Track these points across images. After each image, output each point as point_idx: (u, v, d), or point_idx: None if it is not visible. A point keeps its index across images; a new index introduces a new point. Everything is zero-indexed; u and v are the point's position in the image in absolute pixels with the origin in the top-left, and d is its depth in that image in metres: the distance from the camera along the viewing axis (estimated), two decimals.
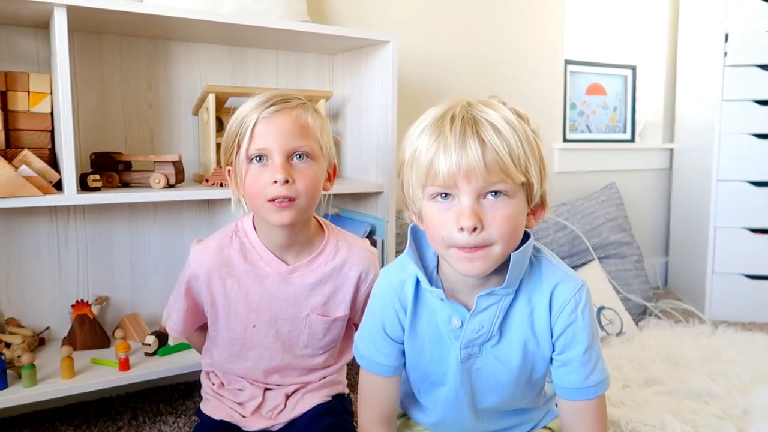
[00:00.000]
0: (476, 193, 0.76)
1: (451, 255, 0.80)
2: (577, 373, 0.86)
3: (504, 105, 0.80)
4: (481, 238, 0.77)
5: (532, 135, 0.80)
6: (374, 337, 0.93)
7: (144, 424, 1.39)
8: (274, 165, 0.99)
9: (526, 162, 0.77)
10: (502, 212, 0.77)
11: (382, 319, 0.92)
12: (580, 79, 2.58)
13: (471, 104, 0.79)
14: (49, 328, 1.44)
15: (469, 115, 0.77)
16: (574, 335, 0.86)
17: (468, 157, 0.75)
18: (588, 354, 0.86)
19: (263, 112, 1.00)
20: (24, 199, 1.16)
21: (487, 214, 0.77)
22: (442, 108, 0.81)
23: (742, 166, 2.27)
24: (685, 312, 2.24)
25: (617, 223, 2.25)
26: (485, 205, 0.77)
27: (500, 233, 0.77)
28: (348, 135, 1.73)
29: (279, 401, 1.12)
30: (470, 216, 0.75)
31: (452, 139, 0.75)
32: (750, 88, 2.23)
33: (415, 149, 0.80)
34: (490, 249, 0.78)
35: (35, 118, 1.27)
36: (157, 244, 1.57)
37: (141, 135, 1.53)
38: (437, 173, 0.77)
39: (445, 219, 0.78)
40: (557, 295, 0.86)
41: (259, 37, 1.51)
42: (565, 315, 0.85)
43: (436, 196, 0.79)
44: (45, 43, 1.38)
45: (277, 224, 1.01)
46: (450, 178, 0.76)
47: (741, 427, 1.33)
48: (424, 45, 2.03)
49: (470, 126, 0.76)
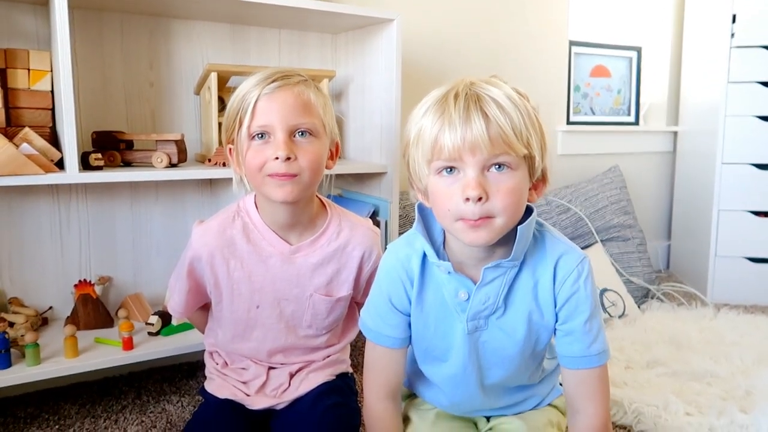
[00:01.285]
0: (481, 166, 0.79)
1: (457, 227, 0.82)
2: (580, 342, 0.89)
3: (505, 83, 0.83)
4: (486, 208, 0.79)
5: (533, 110, 0.82)
6: (381, 310, 0.95)
7: (148, 403, 1.40)
8: (277, 141, 0.98)
9: (528, 136, 0.80)
10: (506, 184, 0.80)
11: (388, 291, 0.94)
12: (584, 60, 2.56)
13: (473, 83, 0.82)
14: (52, 307, 1.44)
15: (473, 92, 0.80)
16: (577, 305, 0.88)
17: (472, 130, 0.77)
18: (590, 323, 0.88)
19: (265, 89, 0.99)
20: (25, 177, 1.15)
21: (492, 185, 0.79)
22: (444, 88, 0.83)
23: (747, 148, 2.26)
24: (687, 295, 2.24)
25: (620, 206, 2.24)
26: (489, 177, 0.80)
27: (504, 205, 0.79)
28: (351, 115, 1.71)
29: (283, 380, 1.12)
30: (475, 186, 0.78)
31: (456, 114, 0.78)
32: (756, 70, 2.21)
33: (420, 128, 0.82)
34: (493, 220, 0.80)
35: (36, 96, 1.26)
36: (159, 224, 1.56)
37: (142, 114, 1.52)
38: (443, 148, 0.79)
39: (451, 192, 0.81)
40: (561, 267, 0.88)
41: (261, 14, 1.49)
42: (568, 285, 0.88)
43: (442, 171, 0.81)
44: (45, 20, 1.36)
45: (280, 200, 1.00)
46: (455, 152, 0.78)
47: (744, 408, 1.34)
48: (429, 24, 2.00)
49: (474, 102, 0.78)
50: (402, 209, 1.86)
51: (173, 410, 1.37)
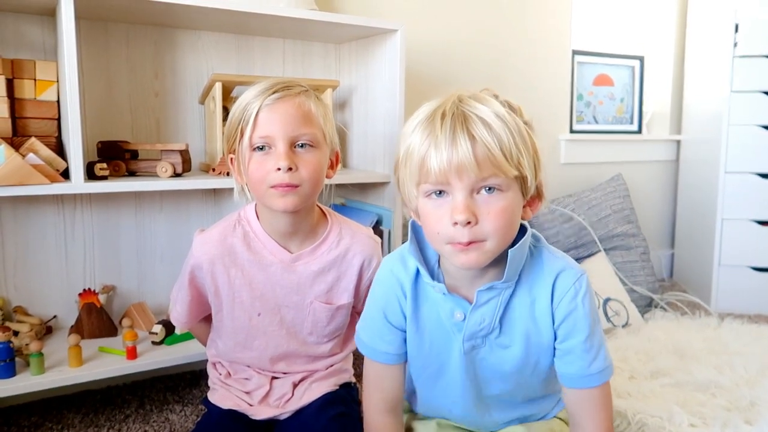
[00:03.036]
0: (469, 189, 0.77)
1: (447, 250, 0.81)
2: (580, 361, 0.87)
3: (496, 98, 0.81)
4: (475, 232, 0.78)
5: (524, 127, 0.80)
6: (376, 325, 0.94)
7: (151, 412, 1.40)
8: (278, 153, 0.99)
9: (518, 155, 0.77)
10: (496, 206, 0.78)
11: (383, 306, 0.93)
12: (587, 69, 2.57)
13: (462, 99, 0.79)
14: (56, 316, 1.45)
15: (459, 111, 0.77)
16: (575, 323, 0.86)
17: (458, 153, 0.75)
18: (589, 341, 0.86)
19: (266, 100, 0.99)
20: (31, 187, 1.15)
21: (481, 208, 0.78)
22: (434, 104, 0.82)
23: (750, 157, 2.26)
24: (691, 304, 2.23)
25: (623, 214, 2.24)
26: (478, 199, 0.78)
27: (494, 227, 0.78)
28: (355, 125, 1.72)
29: (286, 390, 1.12)
30: (463, 210, 0.76)
31: (443, 136, 0.76)
32: (759, 79, 2.21)
33: (408, 147, 0.81)
34: (484, 243, 0.79)
35: (42, 106, 1.27)
36: (163, 233, 1.57)
37: (147, 123, 1.52)
38: (429, 171, 0.78)
39: (440, 215, 0.79)
40: (558, 284, 0.87)
41: (265, 25, 1.50)
42: (565, 303, 0.86)
43: (431, 194, 0.80)
44: (51, 31, 1.37)
45: (281, 210, 1.01)
46: (442, 175, 0.77)
47: (748, 419, 1.33)
48: (432, 34, 2.01)
49: (460, 122, 0.76)
50: (405, 218, 1.87)
51: (176, 420, 1.37)
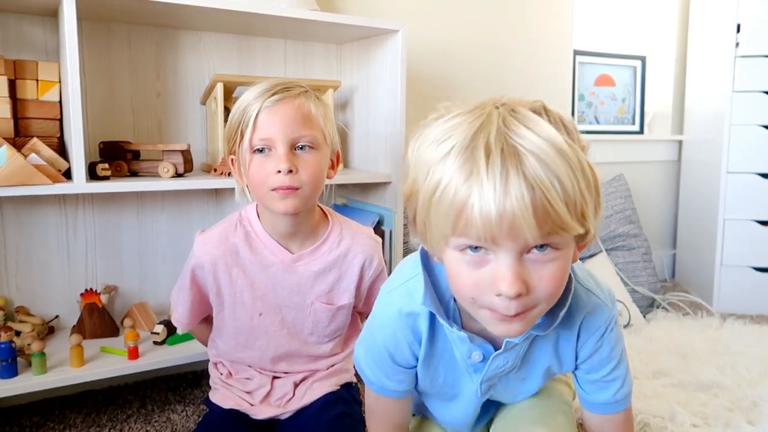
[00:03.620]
0: (520, 250, 0.61)
1: (482, 315, 0.66)
2: (603, 391, 0.86)
3: (546, 114, 0.62)
4: (525, 302, 0.62)
5: (585, 159, 0.61)
6: (383, 366, 0.85)
7: (153, 412, 1.40)
8: (278, 155, 0.99)
9: (583, 204, 0.59)
10: (551, 270, 0.62)
11: (389, 350, 0.83)
12: (588, 69, 2.57)
13: (507, 122, 0.60)
14: (58, 316, 1.45)
15: (510, 145, 0.58)
16: (600, 360, 0.84)
17: (513, 205, 0.56)
18: (613, 374, 0.85)
19: (266, 102, 0.99)
20: (33, 187, 1.16)
21: (532, 273, 0.61)
22: (469, 122, 0.61)
23: (752, 157, 2.25)
24: (693, 304, 2.23)
25: (625, 215, 2.24)
26: (529, 262, 0.61)
27: (547, 293, 0.63)
28: (356, 125, 1.72)
29: (287, 389, 1.12)
30: (513, 282, 0.60)
31: (490, 180, 0.57)
32: (761, 79, 2.21)
33: (437, 184, 0.61)
34: (531, 312, 0.64)
35: (44, 107, 1.27)
36: (165, 233, 1.57)
37: (149, 124, 1.53)
38: (469, 224, 0.59)
39: (477, 278, 0.63)
40: (585, 326, 0.81)
41: (267, 25, 1.50)
42: (591, 342, 0.82)
43: (465, 249, 0.63)
44: (53, 32, 1.38)
45: (282, 212, 1.01)
46: (487, 232, 0.58)
47: (750, 419, 1.33)
48: (433, 34, 2.01)
49: (512, 161, 0.57)
50: (407, 218, 1.87)
51: (178, 419, 1.37)
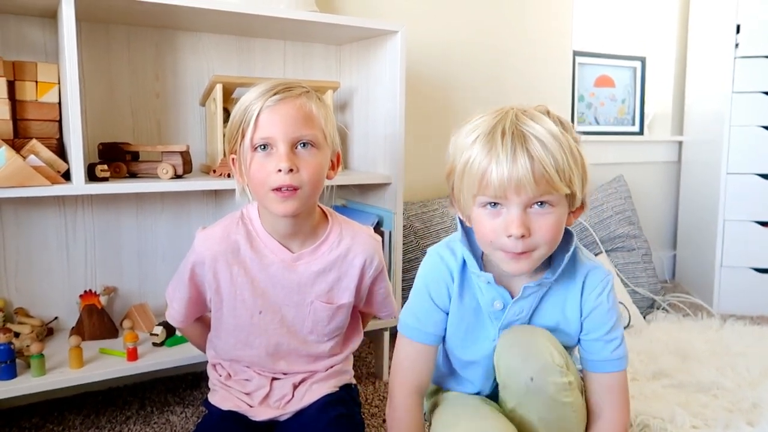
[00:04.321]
0: (524, 204, 0.85)
1: (498, 255, 0.90)
2: (604, 349, 0.97)
3: (548, 114, 0.88)
4: (527, 243, 0.86)
5: (575, 145, 0.87)
6: (423, 308, 1.01)
7: (152, 413, 1.40)
8: (279, 154, 0.99)
9: (570, 174, 0.85)
10: (548, 220, 0.86)
11: (430, 289, 1.00)
12: (588, 70, 2.57)
13: (518, 117, 0.86)
14: (57, 318, 1.45)
15: (519, 131, 0.84)
16: (600, 316, 0.97)
17: (518, 171, 0.82)
18: (612, 333, 0.97)
19: (267, 101, 0.99)
20: (32, 188, 1.16)
21: (534, 222, 0.86)
22: (491, 118, 0.88)
23: (752, 158, 2.25)
24: (693, 305, 2.23)
25: (625, 216, 2.23)
26: (531, 214, 0.86)
27: (545, 239, 0.87)
28: (356, 126, 1.72)
29: (286, 391, 1.12)
30: (519, 225, 0.85)
31: (504, 153, 0.83)
32: (761, 80, 2.21)
33: (467, 160, 0.87)
34: (534, 252, 0.88)
35: (43, 108, 1.27)
36: (164, 234, 1.57)
37: (148, 125, 1.52)
38: (489, 185, 0.85)
39: (494, 225, 0.88)
40: (588, 283, 0.97)
41: (266, 26, 1.50)
42: (592, 298, 0.97)
43: (486, 205, 0.88)
44: (53, 33, 1.38)
45: (281, 214, 1.02)
46: (501, 190, 0.84)
47: (750, 420, 1.32)
48: (433, 35, 2.01)
49: (520, 141, 0.83)
50: (406, 219, 1.87)
51: (177, 421, 1.37)
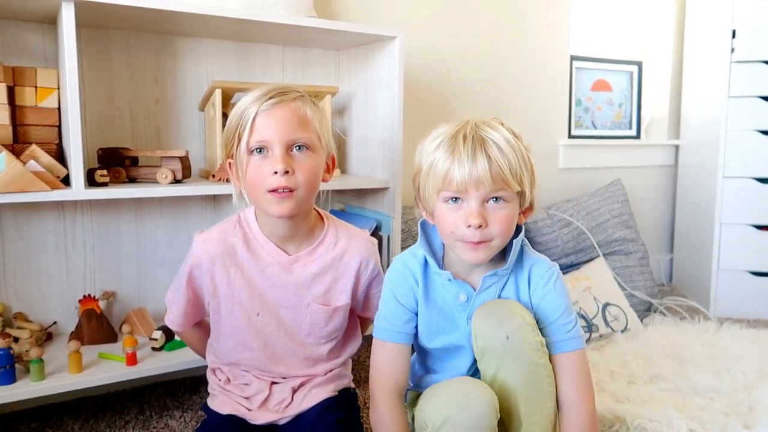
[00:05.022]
0: (482, 198, 0.96)
1: (458, 246, 0.99)
2: (562, 329, 1.03)
3: (502, 125, 0.99)
4: (484, 233, 0.96)
5: (525, 151, 0.99)
6: (391, 309, 1.07)
7: (151, 418, 1.40)
8: (274, 156, 1.00)
9: (521, 174, 0.97)
10: (502, 213, 0.97)
11: (395, 291, 1.07)
12: (585, 75, 2.58)
13: (478, 125, 0.98)
14: (56, 322, 1.45)
15: (478, 135, 0.96)
16: (552, 302, 1.04)
17: (478, 169, 0.94)
18: (566, 315, 1.04)
19: (263, 105, 1.01)
20: (32, 194, 1.16)
21: (490, 214, 0.96)
22: (453, 127, 0.99)
23: (748, 162, 2.27)
24: (690, 309, 2.23)
25: (622, 219, 2.24)
26: (488, 207, 0.97)
27: (500, 230, 0.97)
28: (354, 131, 1.73)
29: (286, 395, 1.12)
30: (477, 216, 0.95)
31: (465, 154, 0.94)
32: (757, 85, 2.22)
33: (432, 161, 0.98)
34: (490, 243, 0.98)
35: (43, 113, 1.28)
36: (163, 239, 1.57)
37: (148, 130, 1.53)
38: (452, 181, 0.95)
39: (455, 218, 0.97)
40: (533, 275, 1.05)
41: (265, 32, 1.51)
42: (540, 287, 1.04)
43: (449, 200, 0.98)
44: (52, 39, 1.38)
45: (277, 215, 1.03)
46: (462, 185, 0.95)
47: (747, 424, 1.33)
48: (431, 41, 2.02)
49: (479, 144, 0.95)
50: (404, 224, 1.87)
51: (176, 425, 1.37)
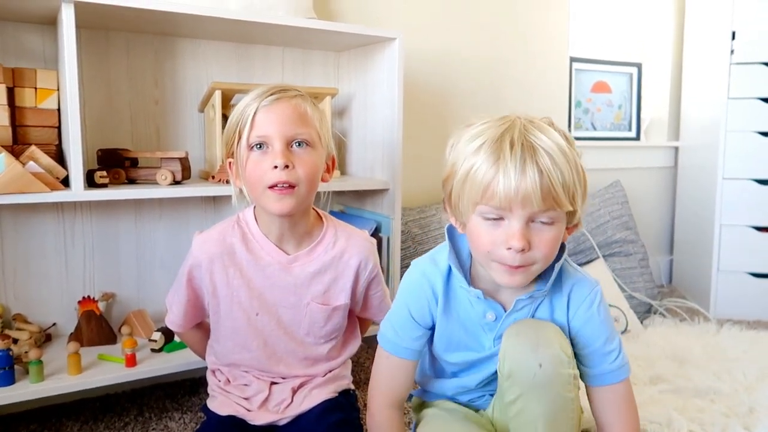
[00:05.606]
0: (527, 218, 0.82)
1: (493, 267, 0.86)
2: (602, 361, 0.93)
3: (553, 127, 0.85)
4: (526, 257, 0.83)
5: (579, 161, 0.85)
6: (402, 323, 0.98)
7: (150, 420, 1.40)
8: (274, 151, 1.00)
9: (574, 190, 0.83)
10: (548, 236, 0.83)
11: (409, 305, 0.97)
12: (585, 76, 2.58)
13: (527, 128, 0.83)
14: (55, 324, 1.45)
15: (528, 142, 0.81)
16: (593, 329, 0.93)
17: (527, 183, 0.79)
18: (609, 344, 0.94)
19: (263, 101, 1.02)
20: (31, 195, 1.16)
21: (534, 236, 0.83)
22: (496, 127, 0.84)
23: (748, 164, 2.27)
24: (690, 310, 2.23)
25: (622, 221, 2.24)
26: (533, 228, 0.83)
27: (543, 254, 0.84)
28: (354, 132, 1.73)
29: (285, 395, 1.12)
30: (520, 239, 0.81)
31: (512, 164, 0.79)
32: (756, 86, 2.23)
33: (471, 167, 0.83)
34: (531, 267, 0.85)
35: (42, 115, 1.28)
36: (163, 241, 1.57)
37: (147, 131, 1.53)
38: (494, 195, 0.81)
39: (493, 237, 0.84)
40: (573, 297, 0.94)
41: (265, 33, 1.51)
42: (581, 312, 0.93)
43: (488, 215, 0.84)
44: (52, 40, 1.38)
45: (278, 213, 1.02)
46: (506, 201, 0.80)
47: (747, 425, 1.33)
48: (430, 42, 2.02)
49: (530, 153, 0.80)
50: (404, 225, 1.87)
51: (175, 427, 1.37)
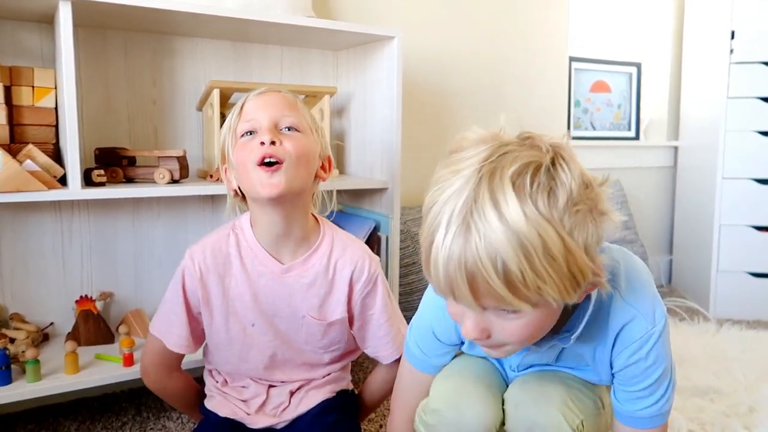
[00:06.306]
0: (479, 310, 0.66)
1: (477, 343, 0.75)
2: (634, 403, 0.81)
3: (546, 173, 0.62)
4: (496, 340, 0.70)
5: (560, 240, 0.60)
6: (428, 342, 0.93)
7: (148, 419, 1.39)
8: (262, 130, 0.99)
9: (537, 283, 0.60)
10: (513, 324, 0.67)
11: (434, 329, 0.92)
12: (584, 76, 2.58)
13: (477, 196, 0.61)
14: (53, 323, 1.44)
15: (465, 222, 0.60)
16: (634, 374, 0.80)
17: (453, 276, 0.62)
18: (649, 390, 0.80)
19: (252, 94, 1.04)
20: (28, 193, 1.16)
21: (494, 324, 0.68)
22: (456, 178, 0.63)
23: (748, 163, 2.27)
24: (689, 310, 2.23)
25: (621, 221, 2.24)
26: (491, 317, 0.67)
27: (513, 340, 0.69)
28: (352, 131, 1.72)
29: (283, 399, 1.11)
30: (472, 331, 0.68)
31: (443, 248, 0.62)
32: (756, 86, 2.23)
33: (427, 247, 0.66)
34: (507, 347, 0.72)
35: (39, 113, 1.27)
36: (161, 240, 1.57)
37: (145, 130, 1.53)
38: (435, 279, 0.65)
39: (457, 318, 0.72)
40: (621, 338, 0.79)
41: (263, 32, 1.50)
42: (625, 355, 0.79)
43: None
44: (49, 39, 1.38)
45: (267, 196, 0.96)
46: (445, 289, 0.65)
47: (747, 425, 1.33)
48: (429, 41, 2.02)
49: (460, 239, 0.61)
50: (403, 224, 1.86)
51: (173, 427, 1.36)
